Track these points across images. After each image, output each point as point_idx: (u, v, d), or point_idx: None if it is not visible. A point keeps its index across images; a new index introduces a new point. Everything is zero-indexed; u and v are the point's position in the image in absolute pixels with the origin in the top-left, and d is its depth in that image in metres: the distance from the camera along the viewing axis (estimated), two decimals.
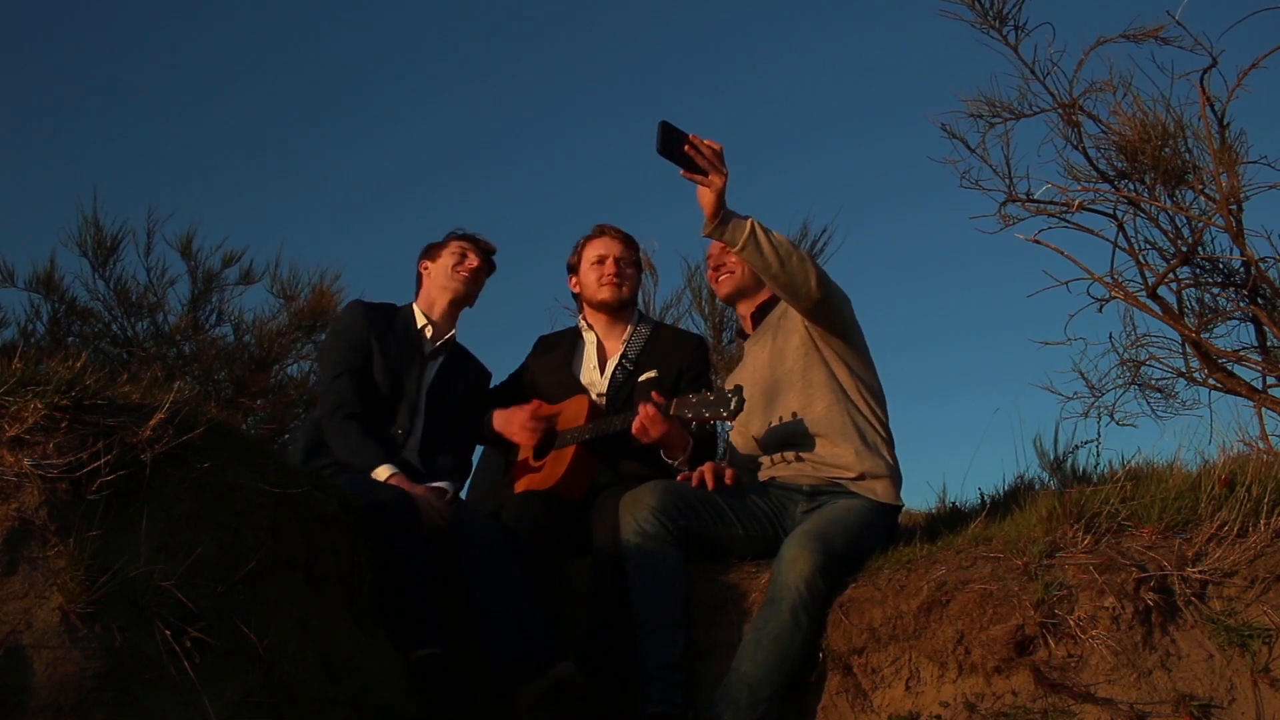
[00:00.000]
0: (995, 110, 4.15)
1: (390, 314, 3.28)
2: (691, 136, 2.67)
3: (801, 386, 2.96)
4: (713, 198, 2.69)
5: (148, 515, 2.09)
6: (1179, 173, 3.96)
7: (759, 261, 2.73)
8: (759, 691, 2.52)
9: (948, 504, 3.71)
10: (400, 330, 3.24)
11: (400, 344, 3.20)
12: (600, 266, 3.36)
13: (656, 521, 2.74)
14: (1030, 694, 2.39)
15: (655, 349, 3.34)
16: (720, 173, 2.68)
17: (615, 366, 3.33)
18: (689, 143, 2.66)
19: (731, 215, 2.72)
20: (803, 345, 2.98)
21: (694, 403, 2.86)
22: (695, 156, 2.66)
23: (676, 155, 2.66)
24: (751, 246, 2.71)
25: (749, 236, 2.71)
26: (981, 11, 4.04)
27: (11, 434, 2.03)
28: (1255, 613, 2.38)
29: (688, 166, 2.67)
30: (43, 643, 1.87)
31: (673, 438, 2.96)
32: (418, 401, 3.16)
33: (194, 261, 5.81)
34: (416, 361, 3.21)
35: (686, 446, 3.02)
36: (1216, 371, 4.02)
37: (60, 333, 5.47)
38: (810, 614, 2.56)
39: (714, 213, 2.70)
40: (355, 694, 2.32)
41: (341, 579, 2.49)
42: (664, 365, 3.29)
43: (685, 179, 2.69)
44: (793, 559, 2.59)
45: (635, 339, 3.36)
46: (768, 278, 2.79)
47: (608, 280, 3.33)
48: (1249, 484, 2.56)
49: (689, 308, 5.97)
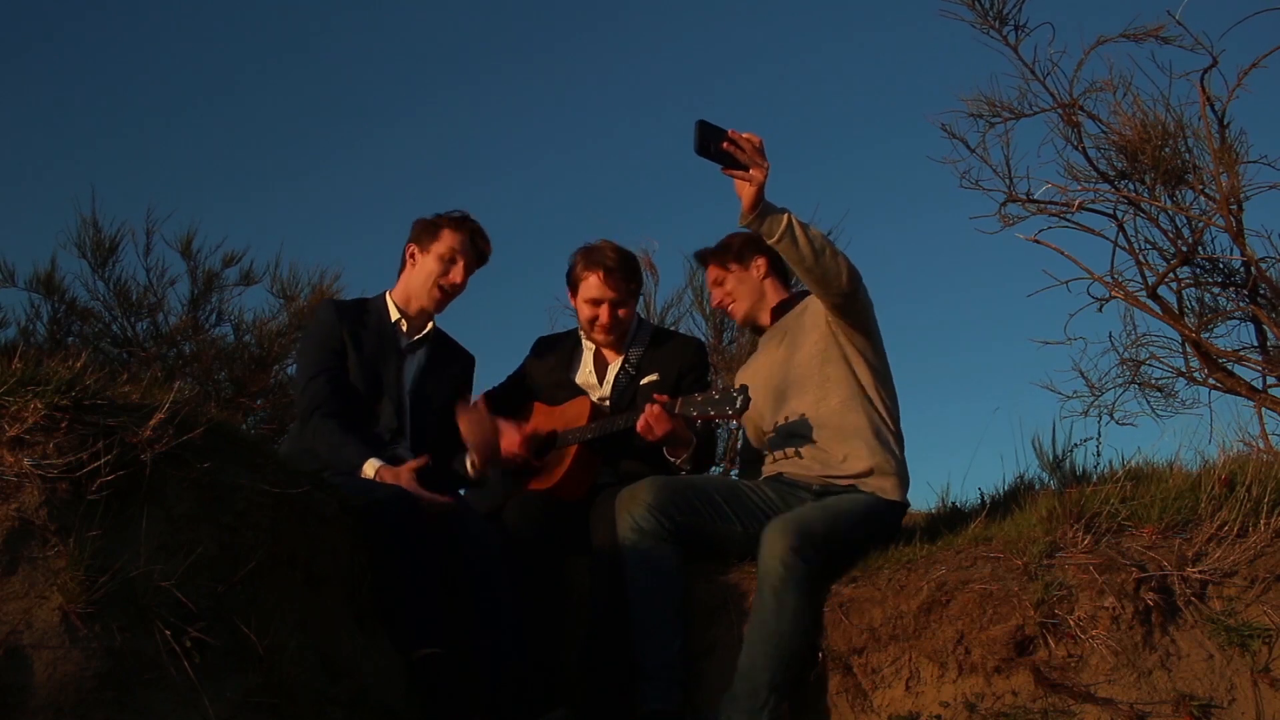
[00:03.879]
0: (995, 110, 4.16)
1: (362, 309, 3.18)
2: (730, 132, 2.66)
3: (818, 381, 2.97)
4: (753, 191, 2.68)
5: (148, 515, 2.09)
6: (1179, 173, 3.97)
7: (794, 254, 2.74)
8: (755, 678, 2.53)
9: (948, 504, 3.71)
10: (374, 325, 3.14)
11: (375, 340, 3.11)
12: (594, 309, 3.29)
13: (653, 518, 2.74)
14: (1030, 694, 2.39)
15: (656, 354, 3.35)
16: (761, 166, 2.67)
17: (618, 372, 3.34)
18: (728, 139, 2.65)
19: (770, 208, 2.73)
20: (822, 341, 2.99)
21: (699, 401, 2.87)
22: (735, 152, 2.66)
23: (715, 153, 2.65)
24: (788, 240, 2.72)
25: (785, 229, 2.71)
26: (981, 12, 4.04)
27: (11, 434, 2.03)
28: (1255, 613, 2.38)
29: (728, 163, 2.67)
30: (43, 643, 1.87)
31: (677, 436, 2.97)
32: (401, 398, 3.09)
33: (194, 262, 5.79)
34: (394, 357, 3.11)
35: (690, 444, 3.03)
36: (1216, 371, 4.02)
37: (60, 333, 5.46)
38: (793, 593, 2.57)
39: (752, 205, 2.70)
40: (355, 694, 2.32)
41: (341, 579, 2.49)
42: (665, 369, 3.30)
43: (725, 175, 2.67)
44: (769, 542, 2.62)
45: (636, 345, 3.37)
46: (801, 270, 2.80)
47: (600, 328, 3.30)
48: (1249, 484, 2.56)
49: (690, 307, 5.97)
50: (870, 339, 2.98)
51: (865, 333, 2.97)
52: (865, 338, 2.97)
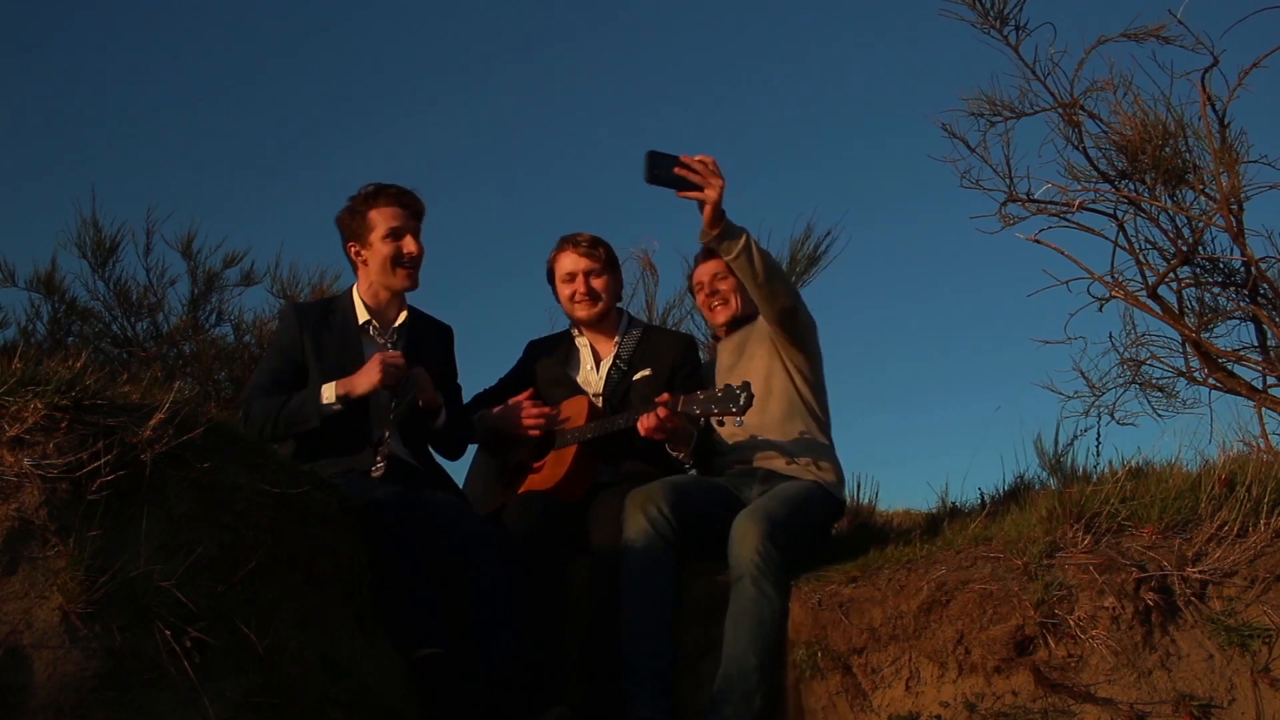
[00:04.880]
0: (996, 110, 4.15)
1: (326, 310, 3.11)
2: (682, 157, 2.76)
3: (762, 394, 3.13)
4: (710, 210, 2.81)
5: (148, 515, 2.09)
6: (1179, 172, 3.96)
7: (748, 270, 2.90)
8: (745, 664, 2.62)
9: (948, 504, 3.72)
10: (339, 326, 3.07)
11: (341, 340, 3.04)
12: (570, 284, 3.38)
13: (665, 520, 2.81)
14: (1030, 694, 2.39)
15: (647, 349, 3.40)
16: (714, 186, 2.78)
17: (610, 367, 3.37)
18: (679, 164, 2.75)
19: (730, 227, 2.86)
20: (769, 356, 3.23)
21: (703, 400, 2.92)
22: (688, 175, 2.76)
23: (667, 179, 2.75)
24: (744, 258, 2.87)
25: (743, 248, 2.86)
26: (982, 12, 4.03)
27: (11, 434, 2.03)
28: (1255, 613, 2.38)
29: (681, 186, 2.77)
30: (43, 643, 1.87)
31: (680, 434, 3.05)
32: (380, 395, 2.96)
33: (194, 262, 5.78)
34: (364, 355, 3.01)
35: (691, 440, 3.11)
36: (1216, 371, 4.02)
37: (60, 333, 5.46)
38: (771, 580, 2.70)
39: (712, 221, 2.82)
40: (355, 694, 2.32)
41: (341, 579, 2.49)
42: (657, 364, 3.35)
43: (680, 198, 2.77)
44: (741, 535, 2.76)
45: (627, 341, 3.41)
46: (753, 285, 2.96)
47: (580, 299, 3.37)
48: (1249, 484, 2.56)
49: (692, 308, 5.96)
50: (809, 356, 3.21)
51: (805, 350, 3.20)
52: (804, 355, 3.20)
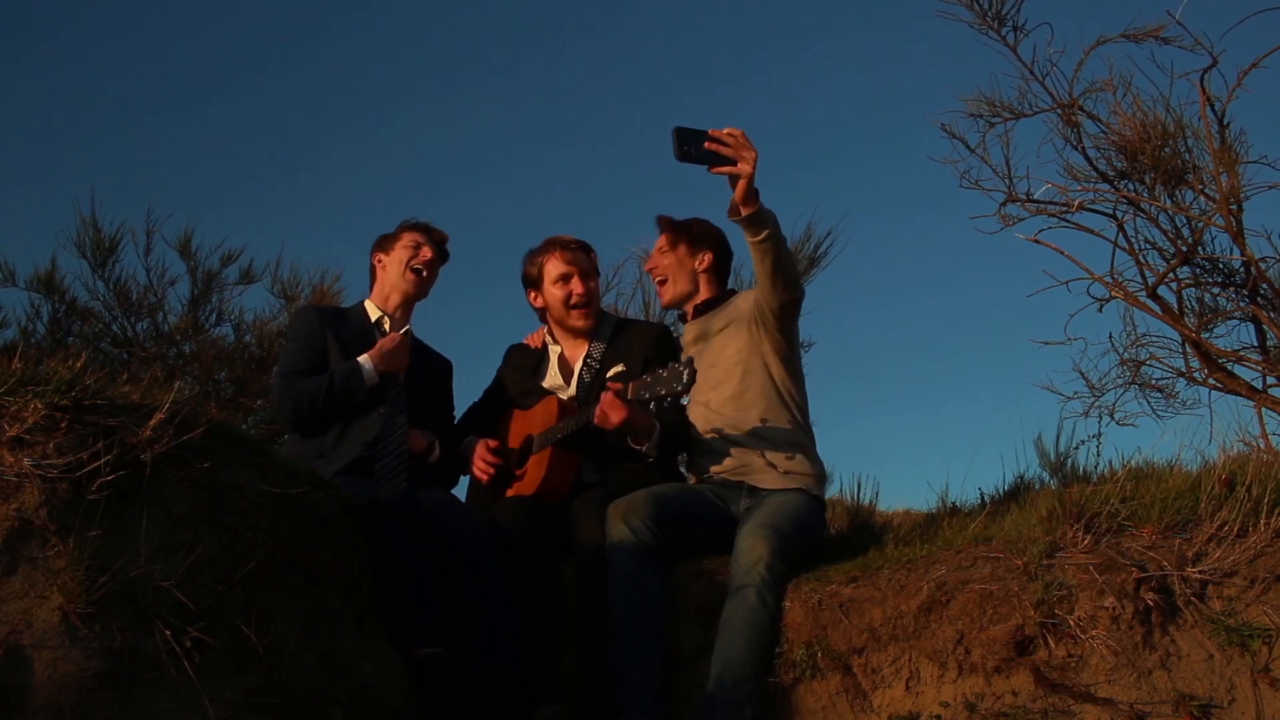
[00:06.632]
0: (995, 110, 4.16)
1: (342, 315, 3.33)
2: (711, 131, 2.65)
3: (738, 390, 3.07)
4: (744, 185, 2.67)
5: (148, 515, 2.09)
6: (1179, 173, 3.96)
7: (772, 251, 2.80)
8: (741, 670, 2.61)
9: (948, 504, 3.71)
10: (355, 328, 3.27)
11: (357, 341, 3.21)
12: (567, 285, 3.28)
13: (647, 529, 2.78)
14: (1030, 694, 2.39)
15: (619, 344, 3.33)
16: (747, 159, 2.66)
17: (581, 368, 3.32)
18: (709, 138, 2.64)
19: (763, 207, 2.74)
20: (746, 349, 3.10)
21: (649, 383, 2.86)
22: (719, 149, 2.65)
23: (698, 155, 2.63)
24: (771, 240, 2.77)
25: (773, 229, 2.76)
26: (981, 12, 4.04)
27: (11, 434, 2.03)
28: (1255, 613, 2.38)
29: (713, 162, 2.65)
30: (43, 643, 1.87)
31: (635, 423, 2.96)
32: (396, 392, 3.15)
33: (194, 261, 5.78)
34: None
35: (652, 431, 3.02)
36: (1216, 371, 4.02)
37: (60, 333, 5.46)
38: (774, 594, 2.70)
39: (745, 197, 2.70)
40: (355, 694, 2.32)
41: (341, 579, 2.49)
42: (630, 358, 3.27)
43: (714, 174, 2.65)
44: (750, 547, 2.74)
45: (598, 339, 3.34)
46: (773, 267, 2.84)
47: (579, 303, 3.28)
48: (1249, 484, 2.56)
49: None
50: (791, 344, 3.12)
51: (789, 340, 3.11)
52: (788, 341, 3.10)
